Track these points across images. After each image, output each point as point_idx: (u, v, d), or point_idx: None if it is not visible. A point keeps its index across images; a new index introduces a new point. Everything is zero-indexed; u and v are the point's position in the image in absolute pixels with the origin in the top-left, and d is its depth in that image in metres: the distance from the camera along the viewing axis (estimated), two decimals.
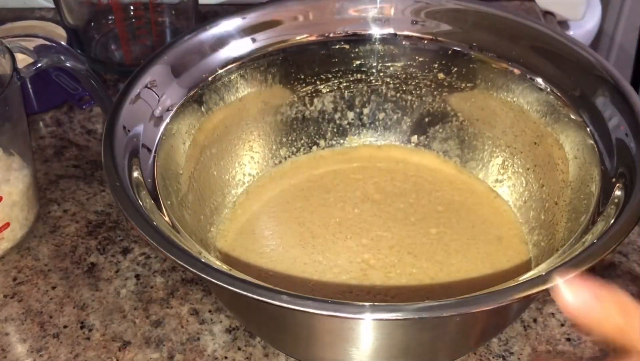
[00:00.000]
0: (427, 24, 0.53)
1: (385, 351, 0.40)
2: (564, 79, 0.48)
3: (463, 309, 0.34)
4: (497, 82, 0.52)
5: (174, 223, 0.41)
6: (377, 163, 0.56)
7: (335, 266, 0.48)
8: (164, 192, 0.44)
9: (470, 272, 0.48)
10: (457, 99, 0.54)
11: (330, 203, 0.53)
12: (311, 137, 0.56)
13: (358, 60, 0.54)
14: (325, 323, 0.39)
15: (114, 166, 0.41)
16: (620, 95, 0.44)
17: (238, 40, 0.51)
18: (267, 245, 0.50)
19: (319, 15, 0.54)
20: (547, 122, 0.49)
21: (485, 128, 0.54)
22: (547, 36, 0.50)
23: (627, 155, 0.42)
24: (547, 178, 0.50)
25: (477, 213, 0.52)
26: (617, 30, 1.12)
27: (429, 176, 0.55)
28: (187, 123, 0.49)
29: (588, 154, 0.45)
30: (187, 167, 0.49)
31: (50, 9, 0.77)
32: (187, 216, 0.47)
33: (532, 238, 0.50)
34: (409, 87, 0.55)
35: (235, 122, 0.53)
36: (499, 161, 0.54)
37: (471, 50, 0.52)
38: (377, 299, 0.47)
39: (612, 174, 0.42)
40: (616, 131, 0.43)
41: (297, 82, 0.54)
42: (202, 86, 0.50)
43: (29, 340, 0.47)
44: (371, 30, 0.54)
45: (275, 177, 0.55)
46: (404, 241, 0.50)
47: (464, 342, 0.43)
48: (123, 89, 0.46)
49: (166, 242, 0.37)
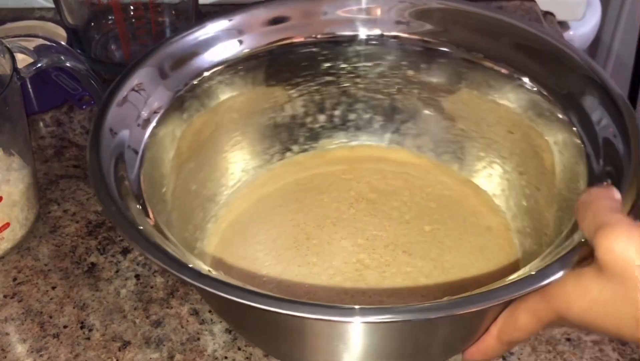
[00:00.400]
0: (385, 17, 0.53)
1: (378, 352, 0.40)
2: (550, 78, 0.48)
3: (454, 310, 0.34)
4: (470, 76, 0.52)
5: (161, 228, 0.41)
6: (359, 164, 0.56)
7: (330, 268, 0.48)
8: (150, 197, 0.43)
9: (464, 267, 0.49)
10: (429, 95, 0.54)
11: (324, 204, 0.53)
12: (284, 144, 0.56)
13: (327, 62, 0.54)
14: (315, 327, 0.39)
15: (100, 169, 0.41)
16: (609, 97, 0.44)
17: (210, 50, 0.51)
18: (260, 250, 0.50)
19: (303, 16, 0.53)
20: (525, 114, 0.50)
21: (458, 121, 0.54)
22: (532, 34, 0.50)
23: (614, 155, 0.42)
24: (526, 166, 0.51)
25: (465, 205, 0.53)
26: (617, 30, 1.12)
27: (415, 172, 0.55)
28: (172, 128, 0.49)
29: (573, 150, 0.45)
30: (172, 174, 0.48)
31: (50, 9, 0.77)
32: (174, 222, 0.47)
33: (516, 224, 0.51)
34: (378, 86, 0.55)
35: (215, 128, 0.52)
36: (474, 151, 0.54)
37: (444, 47, 0.52)
38: (373, 300, 0.47)
39: (599, 173, 0.42)
40: (604, 131, 0.44)
41: (269, 88, 0.54)
42: (184, 92, 0.49)
43: (29, 340, 0.47)
44: (358, 32, 0.54)
45: (263, 181, 0.54)
46: (399, 240, 0.50)
47: (460, 339, 0.43)
48: (109, 92, 0.46)
49: (151, 245, 0.37)
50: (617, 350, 0.45)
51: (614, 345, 0.45)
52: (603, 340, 0.46)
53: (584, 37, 0.83)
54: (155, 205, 0.44)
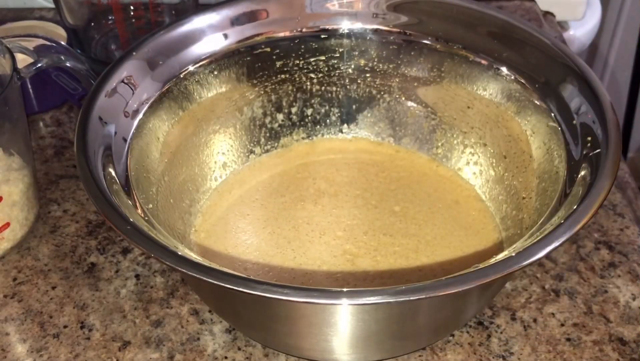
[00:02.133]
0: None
1: (370, 335, 0.41)
2: (528, 67, 0.49)
3: (445, 290, 0.35)
4: (431, 59, 0.53)
5: (149, 218, 0.42)
6: (316, 158, 0.57)
7: (322, 264, 0.48)
8: (137, 186, 0.44)
9: (446, 237, 0.50)
10: (382, 81, 0.56)
11: (289, 206, 0.53)
12: (246, 147, 0.56)
13: (280, 60, 0.54)
14: (306, 311, 0.39)
15: (86, 158, 0.41)
16: (587, 85, 0.45)
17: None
18: (246, 261, 0.49)
19: (286, 12, 0.54)
20: (496, 99, 0.51)
21: (414, 104, 0.55)
22: (508, 23, 0.51)
23: (593, 140, 0.43)
24: (488, 137, 0.52)
25: (427, 183, 0.54)
26: (617, 30, 1.12)
27: (369, 160, 0.56)
28: (158, 122, 0.49)
29: (552, 136, 0.46)
30: (158, 171, 0.49)
31: (50, 9, 0.77)
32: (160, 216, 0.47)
33: (487, 193, 0.53)
34: (332, 78, 0.56)
35: (199, 125, 0.53)
36: (432, 130, 0.55)
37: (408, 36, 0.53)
38: (375, 283, 0.47)
39: (579, 158, 0.43)
40: (582, 118, 0.44)
41: (224, 96, 0.54)
42: (172, 84, 0.50)
43: (29, 340, 0.47)
44: (341, 26, 0.54)
45: (224, 192, 0.54)
46: (375, 224, 0.51)
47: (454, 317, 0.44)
48: (98, 82, 0.46)
49: (138, 232, 0.38)
50: (617, 350, 0.45)
51: (614, 345, 0.46)
52: (603, 340, 0.46)
53: (584, 37, 0.83)
54: (141, 194, 0.44)
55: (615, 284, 0.49)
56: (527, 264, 0.36)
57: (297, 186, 0.54)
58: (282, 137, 0.57)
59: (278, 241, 0.50)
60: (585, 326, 0.47)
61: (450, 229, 0.51)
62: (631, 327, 0.47)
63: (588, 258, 0.51)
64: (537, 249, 0.37)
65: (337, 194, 0.54)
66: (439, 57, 0.53)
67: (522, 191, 0.49)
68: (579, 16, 0.81)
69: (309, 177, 0.55)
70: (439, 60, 0.53)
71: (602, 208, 0.54)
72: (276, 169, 0.56)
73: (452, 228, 0.51)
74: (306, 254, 0.49)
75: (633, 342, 0.46)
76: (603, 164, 0.40)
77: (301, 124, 0.57)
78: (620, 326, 0.47)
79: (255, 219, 0.52)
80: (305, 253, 0.49)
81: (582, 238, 0.52)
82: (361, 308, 0.38)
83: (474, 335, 0.46)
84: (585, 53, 1.07)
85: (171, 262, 0.36)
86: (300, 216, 0.52)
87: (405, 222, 0.51)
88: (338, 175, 0.55)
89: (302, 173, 0.55)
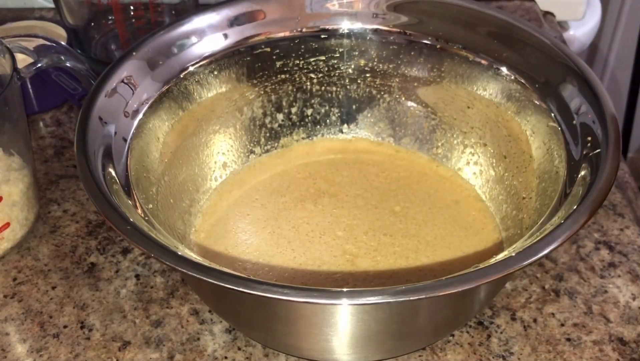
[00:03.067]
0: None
1: (370, 335, 0.41)
2: (526, 66, 0.49)
3: (445, 290, 0.35)
4: (432, 60, 0.53)
5: (149, 218, 0.42)
6: (316, 158, 0.57)
7: (322, 264, 0.48)
8: (137, 186, 0.44)
9: (446, 237, 0.50)
10: (382, 81, 0.56)
11: (289, 206, 0.53)
12: (246, 147, 0.56)
13: (280, 60, 0.54)
14: (306, 311, 0.39)
15: (86, 158, 0.41)
16: (586, 84, 0.45)
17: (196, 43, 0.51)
18: (246, 261, 0.49)
19: (285, 12, 0.54)
20: (496, 99, 0.51)
21: (414, 104, 0.55)
22: (508, 23, 0.51)
23: (593, 140, 0.43)
24: (488, 137, 0.52)
25: (427, 183, 0.54)
26: (617, 30, 1.12)
27: (369, 160, 0.56)
28: (158, 122, 0.49)
29: (552, 136, 0.47)
30: (158, 171, 0.49)
31: (50, 9, 0.77)
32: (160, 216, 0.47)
33: (487, 193, 0.53)
34: (332, 78, 0.56)
35: (196, 127, 0.53)
36: (432, 130, 0.55)
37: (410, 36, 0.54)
38: (375, 283, 0.47)
39: (579, 157, 0.43)
40: (582, 118, 0.45)
41: (224, 96, 0.54)
42: (172, 84, 0.50)
43: (29, 340, 0.47)
44: (341, 25, 0.54)
45: (224, 192, 0.54)
46: (375, 224, 0.51)
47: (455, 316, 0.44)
48: (97, 83, 0.46)
49: (138, 232, 0.38)
50: (617, 350, 0.45)
51: (614, 345, 0.46)
52: (603, 340, 0.46)
53: (584, 37, 0.83)
54: (141, 194, 0.44)
55: (615, 284, 0.49)
56: (527, 264, 0.36)
57: (297, 186, 0.54)
58: (282, 137, 0.57)
59: (278, 241, 0.50)
60: (585, 326, 0.47)
61: (450, 229, 0.51)
62: (631, 327, 0.47)
63: (588, 258, 0.51)
64: (537, 249, 0.37)
65: (337, 194, 0.54)
66: (439, 57, 0.53)
67: (522, 191, 0.49)
68: (579, 16, 0.81)
69: (309, 178, 0.55)
70: (439, 60, 0.53)
71: (602, 208, 0.54)
72: (276, 169, 0.56)
73: (452, 228, 0.51)
74: (306, 254, 0.49)
75: (633, 342, 0.46)
76: (603, 164, 0.40)
77: (301, 124, 0.57)
78: (620, 326, 0.47)
79: (255, 219, 0.52)
80: (305, 253, 0.49)
81: (582, 238, 0.52)
82: (361, 308, 0.38)
83: (474, 335, 0.46)
84: (585, 53, 1.07)
85: (171, 262, 0.36)
86: (300, 216, 0.52)
87: (405, 222, 0.51)
88: (338, 175, 0.55)
89: (302, 173, 0.56)
